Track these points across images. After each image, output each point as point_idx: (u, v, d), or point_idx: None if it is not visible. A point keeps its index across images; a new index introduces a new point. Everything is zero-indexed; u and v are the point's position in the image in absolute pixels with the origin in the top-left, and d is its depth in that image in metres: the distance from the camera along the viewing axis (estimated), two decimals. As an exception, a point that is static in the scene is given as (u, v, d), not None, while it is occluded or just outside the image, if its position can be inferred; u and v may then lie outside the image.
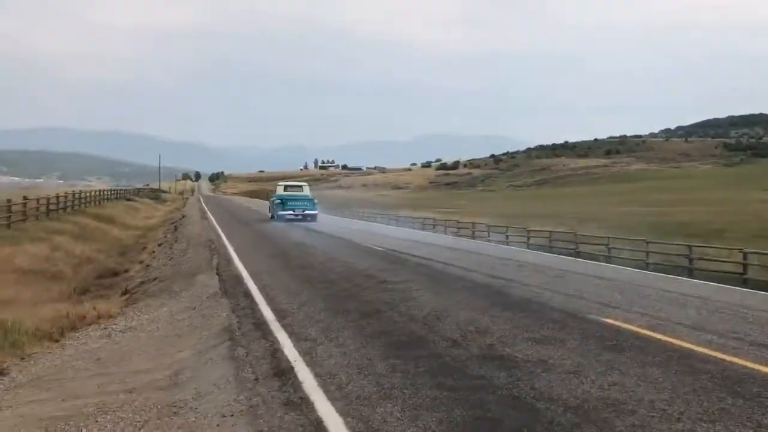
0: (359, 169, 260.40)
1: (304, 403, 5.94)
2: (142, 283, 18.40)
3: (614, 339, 8.04)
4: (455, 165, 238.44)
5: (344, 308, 10.36)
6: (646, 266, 19.79)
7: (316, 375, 6.75)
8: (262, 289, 12.41)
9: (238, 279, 14.06)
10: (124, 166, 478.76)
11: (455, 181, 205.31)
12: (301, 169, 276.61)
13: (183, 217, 49.98)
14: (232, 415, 5.94)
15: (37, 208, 33.09)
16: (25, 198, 31.94)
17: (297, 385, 6.46)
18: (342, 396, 6.05)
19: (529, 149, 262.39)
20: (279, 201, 39.42)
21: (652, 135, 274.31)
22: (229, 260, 17.61)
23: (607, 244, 24.14)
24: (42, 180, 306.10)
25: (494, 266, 15.89)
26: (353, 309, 10.27)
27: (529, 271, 15.03)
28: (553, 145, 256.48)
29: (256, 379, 6.88)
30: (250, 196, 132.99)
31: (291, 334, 8.65)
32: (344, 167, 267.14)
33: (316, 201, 40.51)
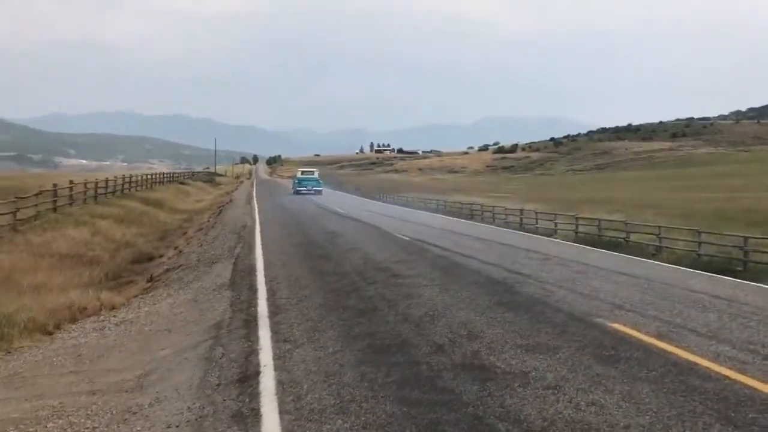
0: (415, 152, 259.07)
1: (252, 416, 5.59)
2: (167, 270, 18.42)
3: (613, 348, 7.39)
4: (513, 148, 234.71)
5: (342, 305, 9.97)
6: (697, 258, 18.43)
7: (280, 383, 6.37)
8: (269, 282, 12.14)
9: (251, 269, 13.83)
10: (186, 149, 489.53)
11: (512, 165, 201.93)
12: (357, 153, 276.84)
13: (231, 201, 50.53)
14: (177, 426, 5.65)
15: (85, 192, 33.60)
16: (71, 182, 32.47)
17: (255, 394, 6.10)
18: (295, 409, 5.65)
19: (590, 132, 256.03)
20: (297, 181, 58.20)
21: (722, 117, 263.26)
22: (252, 248, 17.44)
23: (658, 234, 22.64)
24: (107, 163, 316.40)
25: (517, 260, 15.19)
26: (351, 306, 9.87)
27: (552, 266, 14.28)
28: (616, 127, 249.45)
29: (218, 385, 6.57)
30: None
31: (275, 334, 8.32)
32: (400, 151, 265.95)
33: (321, 182, 59.58)
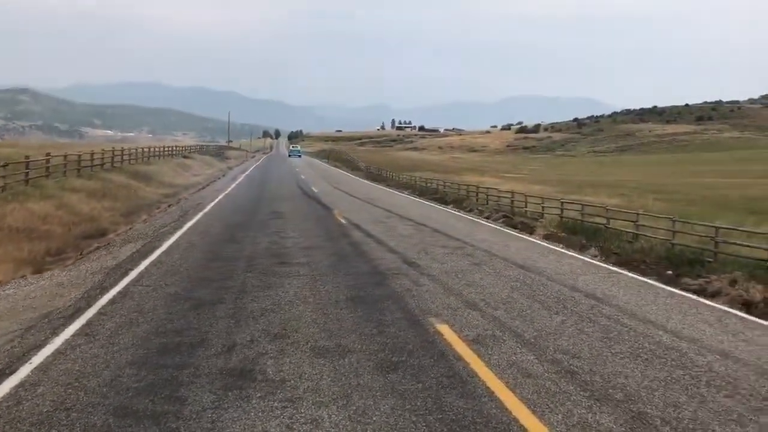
0: (436, 130, 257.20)
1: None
2: (98, 247, 18.21)
3: (408, 353, 6.89)
4: (536, 128, 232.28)
5: (191, 296, 9.58)
6: (671, 247, 17.45)
7: (19, 385, 6.01)
8: (151, 267, 11.85)
9: (150, 252, 13.58)
10: (210, 122, 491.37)
11: (533, 145, 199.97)
12: (378, 129, 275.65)
13: (223, 176, 50.45)
14: None
15: (65, 165, 33.38)
16: (48, 154, 32.31)
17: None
18: (-7, 419, 5.28)
19: (615, 113, 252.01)
20: (289, 150, 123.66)
21: (751, 101, 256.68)
22: (178, 229, 17.16)
23: (636, 221, 21.60)
24: (132, 134, 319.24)
25: (427, 248, 14.56)
26: (198, 297, 9.47)
27: (457, 256, 13.60)
28: (641, 109, 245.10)
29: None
30: (321, 157, 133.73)
31: (87, 326, 7.98)
32: (421, 128, 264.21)
33: (302, 151, 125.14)
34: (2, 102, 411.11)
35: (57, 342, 7.34)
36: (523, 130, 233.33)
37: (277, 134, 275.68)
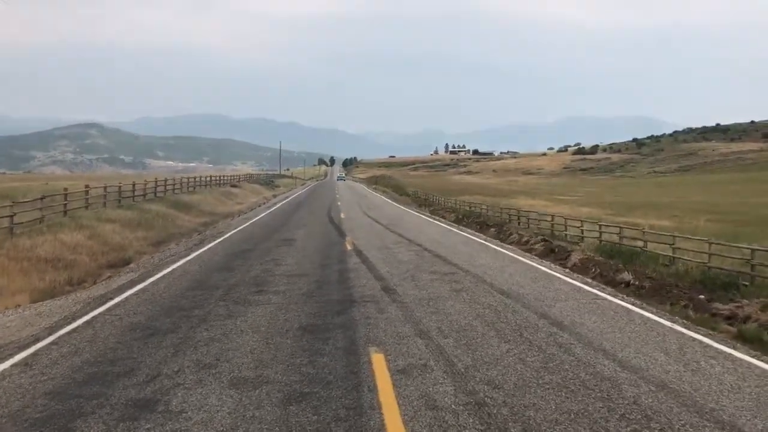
0: (490, 154, 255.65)
1: None
2: (109, 276, 18.65)
3: (323, 386, 6.74)
4: (593, 149, 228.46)
5: (151, 325, 9.66)
6: (707, 270, 16.74)
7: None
8: (132, 296, 12.10)
9: (141, 280, 13.86)
10: (269, 152, 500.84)
11: (591, 167, 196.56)
12: (431, 154, 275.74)
13: (264, 203, 51.22)
14: None
15: (105, 196, 34.43)
16: (87, 186, 33.45)
17: None
18: None
19: (675, 132, 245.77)
20: (337, 176, 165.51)
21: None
22: (184, 256, 17.50)
23: (672, 243, 20.83)
24: (193, 164, 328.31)
25: (417, 274, 14.18)
26: (156, 327, 9.54)
27: (441, 282, 13.16)
28: (704, 128, 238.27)
29: None
30: (370, 183, 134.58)
31: (32, 356, 8.19)
32: (475, 152, 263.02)
33: (346, 177, 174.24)
34: (73, 136, 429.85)
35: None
36: (580, 151, 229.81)
37: (332, 161, 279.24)
